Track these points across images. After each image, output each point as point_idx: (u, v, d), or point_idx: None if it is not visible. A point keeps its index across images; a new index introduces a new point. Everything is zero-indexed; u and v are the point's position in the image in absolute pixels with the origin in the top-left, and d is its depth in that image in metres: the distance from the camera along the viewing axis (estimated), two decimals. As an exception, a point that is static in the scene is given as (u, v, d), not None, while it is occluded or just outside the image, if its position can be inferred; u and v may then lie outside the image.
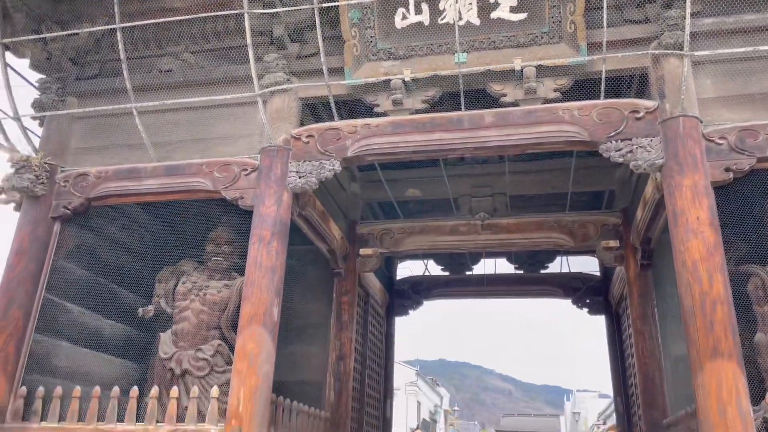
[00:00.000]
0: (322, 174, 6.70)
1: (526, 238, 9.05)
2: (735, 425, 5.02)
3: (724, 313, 5.37)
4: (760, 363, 6.28)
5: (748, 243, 6.68)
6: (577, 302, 11.54)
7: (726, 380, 5.17)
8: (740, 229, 6.45)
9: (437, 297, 12.41)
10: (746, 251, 6.68)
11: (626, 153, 6.18)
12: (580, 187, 9.35)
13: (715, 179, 5.84)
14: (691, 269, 5.57)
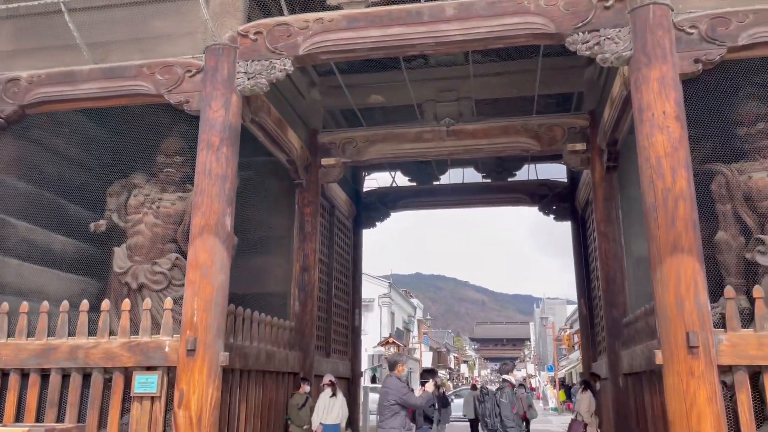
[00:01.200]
0: (273, 74, 6.26)
1: (492, 144, 8.81)
2: (692, 319, 5.03)
3: (686, 209, 5.26)
4: (719, 261, 6.30)
5: (713, 141, 6.55)
6: (544, 209, 11.53)
7: (685, 275, 5.13)
8: (706, 126, 6.28)
9: (405, 208, 12.29)
10: (711, 149, 6.55)
11: (593, 45, 5.85)
12: (547, 89, 9.04)
13: (684, 71, 5.59)
14: (655, 165, 5.41)
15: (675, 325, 5.08)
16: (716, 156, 6.40)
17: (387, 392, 6.55)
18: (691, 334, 4.96)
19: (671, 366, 5.04)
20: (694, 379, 4.91)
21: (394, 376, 6.71)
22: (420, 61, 9.17)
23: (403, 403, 6.54)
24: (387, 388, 6.63)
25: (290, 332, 8.15)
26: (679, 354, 5.01)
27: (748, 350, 5.04)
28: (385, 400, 6.51)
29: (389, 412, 6.45)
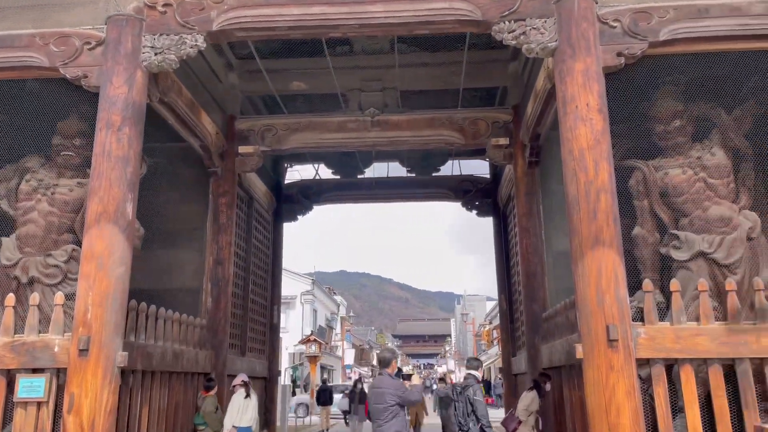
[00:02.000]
0: (183, 50, 5.78)
1: (417, 136, 8.63)
2: (612, 312, 5.01)
3: (608, 202, 5.25)
4: (636, 256, 6.35)
5: (633, 137, 6.62)
6: (467, 204, 11.51)
7: (606, 268, 5.11)
8: (626, 123, 6.33)
9: (328, 201, 11.94)
10: (631, 146, 6.61)
11: (519, 35, 5.76)
12: (473, 82, 8.97)
13: (607, 64, 5.58)
14: (578, 157, 5.36)
15: (595, 318, 5.05)
16: (636, 152, 6.46)
17: (383, 393, 5.90)
18: (611, 327, 4.94)
19: (591, 360, 5.00)
20: (613, 372, 4.89)
21: (387, 374, 6.12)
22: (345, 48, 8.86)
23: (404, 402, 5.97)
24: (382, 388, 5.96)
25: (201, 330, 7.64)
26: (599, 348, 4.97)
27: (665, 343, 5.08)
28: (382, 402, 5.87)
29: (389, 414, 5.82)
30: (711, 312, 5.18)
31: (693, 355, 5.03)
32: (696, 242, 6.01)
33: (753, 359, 5.02)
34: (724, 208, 6.09)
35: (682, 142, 6.38)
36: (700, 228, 6.08)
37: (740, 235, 6.00)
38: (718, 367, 5.02)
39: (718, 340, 5.03)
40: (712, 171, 6.24)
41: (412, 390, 6.18)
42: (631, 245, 6.36)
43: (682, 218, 6.25)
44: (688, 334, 5.07)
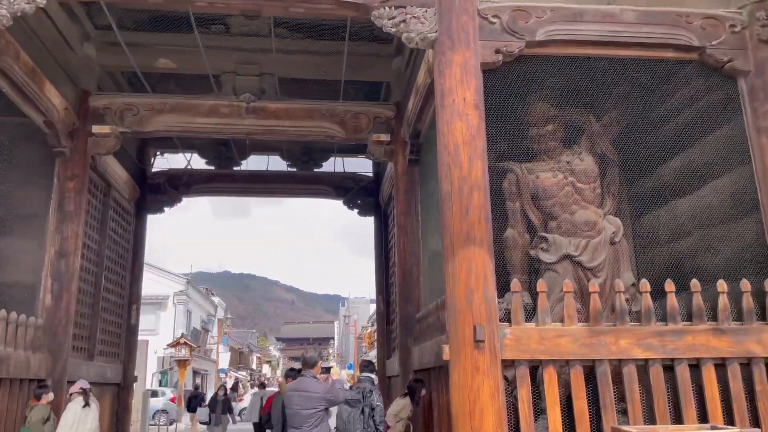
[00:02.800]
0: (18, 6, 4.99)
1: (295, 126, 8.19)
2: (480, 312, 4.86)
3: (480, 199, 5.12)
4: (507, 257, 6.36)
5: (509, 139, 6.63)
6: (349, 203, 11.21)
7: (476, 267, 4.97)
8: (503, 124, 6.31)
9: (200, 193, 11.14)
10: (507, 147, 6.63)
11: (399, 22, 5.51)
12: (356, 75, 8.68)
13: (486, 60, 5.47)
14: (453, 153, 5.20)
15: (463, 318, 4.88)
16: (511, 154, 6.47)
17: (308, 397, 5.40)
18: (478, 327, 4.79)
19: (458, 361, 4.82)
20: (479, 374, 4.74)
21: (311, 376, 5.61)
22: (219, 27, 8.23)
23: (335, 404, 5.55)
24: (307, 392, 5.45)
25: (37, 331, 6.69)
26: (465, 349, 4.80)
27: (530, 344, 5.00)
28: (306, 407, 5.38)
29: (315, 419, 5.36)
30: (575, 313, 5.19)
31: (556, 356, 4.99)
32: (563, 245, 6.09)
33: (611, 360, 5.08)
34: (590, 212, 6.23)
35: (553, 146, 6.47)
36: (568, 231, 6.18)
37: (604, 239, 6.15)
38: (579, 369, 5.03)
39: (580, 342, 5.04)
40: (580, 176, 6.37)
41: (337, 388, 5.79)
42: (502, 246, 6.37)
43: (551, 221, 6.33)
44: (552, 335, 5.03)
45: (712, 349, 5.07)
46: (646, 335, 5.11)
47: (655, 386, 5.03)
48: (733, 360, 5.09)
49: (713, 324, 5.19)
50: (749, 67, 5.65)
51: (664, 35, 5.66)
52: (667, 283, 5.30)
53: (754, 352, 5.08)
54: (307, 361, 5.86)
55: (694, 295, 5.28)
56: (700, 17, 5.70)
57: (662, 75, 6.25)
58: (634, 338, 5.09)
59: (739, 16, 5.74)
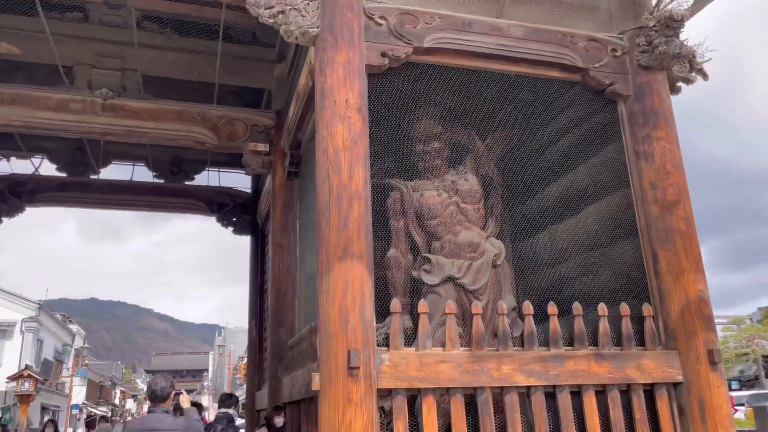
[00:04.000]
0: None
1: (161, 129, 7.34)
2: (356, 335, 4.34)
3: (360, 210, 4.65)
4: (389, 278, 6.00)
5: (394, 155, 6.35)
6: (224, 220, 10.37)
7: (353, 284, 4.46)
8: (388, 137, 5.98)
9: (48, 202, 9.78)
10: (391, 164, 6.34)
11: (277, 13, 5.00)
12: (235, 79, 8.01)
13: (371, 62, 5.08)
14: (333, 158, 4.70)
15: (337, 342, 4.33)
16: (396, 171, 6.17)
17: None
18: (352, 353, 4.26)
19: (328, 392, 4.25)
20: (351, 406, 4.18)
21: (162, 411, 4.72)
22: (77, 14, 7.27)
23: None
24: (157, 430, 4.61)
25: None
26: (338, 377, 4.24)
27: (409, 371, 4.54)
28: None
29: None
30: (457, 337, 4.82)
31: (436, 384, 4.57)
32: (446, 266, 5.82)
33: (493, 388, 4.74)
34: (473, 233, 6.02)
35: (438, 164, 6.25)
36: (451, 252, 5.93)
37: (486, 262, 5.95)
38: (460, 397, 4.63)
39: (461, 368, 4.65)
40: (464, 196, 6.19)
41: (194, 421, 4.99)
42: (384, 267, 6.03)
43: (435, 241, 6.07)
44: (432, 361, 4.61)
45: (593, 375, 4.89)
46: (528, 360, 4.83)
47: (537, 415, 4.74)
48: (613, 386, 4.93)
49: (594, 349, 5.03)
50: (629, 91, 5.70)
51: (550, 54, 5.59)
52: (549, 306, 5.09)
53: (633, 378, 4.96)
54: (156, 393, 4.88)
55: (576, 318, 5.11)
56: (585, 39, 5.70)
57: (547, 96, 6.20)
58: (516, 364, 4.79)
59: (620, 41, 5.81)
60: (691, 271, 5.24)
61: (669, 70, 5.74)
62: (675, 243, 5.31)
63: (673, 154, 5.55)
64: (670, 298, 5.24)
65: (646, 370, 5.00)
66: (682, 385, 5.06)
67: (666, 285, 5.28)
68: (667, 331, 5.22)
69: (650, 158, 5.56)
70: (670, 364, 5.08)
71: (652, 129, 5.60)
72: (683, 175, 5.56)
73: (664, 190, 5.45)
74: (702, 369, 5.00)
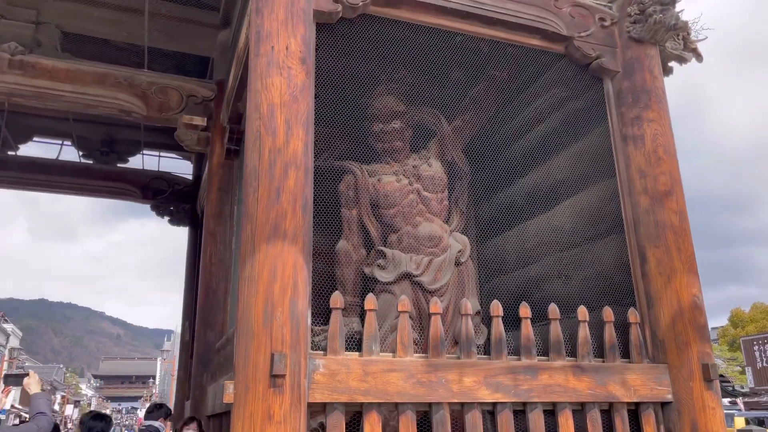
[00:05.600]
0: None
1: (79, 93, 6.32)
2: (283, 335, 3.44)
3: (298, 181, 3.76)
4: (337, 275, 5.18)
5: (347, 135, 5.56)
6: (159, 208, 9.32)
7: (283, 271, 3.56)
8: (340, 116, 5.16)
9: (-48, 179, 8.58)
10: (344, 145, 5.54)
11: (208, -59, 4.09)
12: (171, 44, 7.08)
13: (320, 8, 4.23)
14: (266, 116, 3.81)
15: (258, 343, 3.42)
16: (351, 153, 5.38)
17: None
18: (276, 356, 3.35)
19: (243, 406, 3.32)
20: (271, 425, 3.27)
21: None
22: (-13, -44, 6.22)
23: None
24: None
25: None
26: (256, 388, 3.33)
27: (350, 381, 3.65)
28: None
29: None
30: (410, 341, 3.96)
31: (383, 398, 3.69)
32: (403, 262, 5.01)
33: (452, 404, 3.89)
34: (435, 226, 5.24)
35: (399, 146, 5.47)
36: (409, 246, 5.13)
37: (449, 259, 5.16)
38: (411, 415, 3.76)
39: (414, 378, 3.79)
40: (427, 183, 5.42)
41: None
42: (334, 262, 5.22)
43: (392, 234, 5.26)
44: (379, 369, 3.73)
45: (571, 391, 4.08)
46: (495, 372, 3.99)
47: (504, 438, 3.92)
48: (593, 405, 4.14)
49: (573, 360, 4.24)
50: (617, 66, 4.99)
51: (531, 17, 4.82)
52: (522, 307, 4.28)
53: (616, 396, 4.18)
54: None
55: (552, 323, 4.31)
56: (570, 4, 4.96)
57: (525, 71, 5.46)
58: (481, 375, 3.95)
59: (609, 10, 5.10)
60: (684, 272, 4.50)
61: (662, 46, 5.05)
62: (666, 239, 4.58)
63: (665, 139, 4.84)
64: (660, 303, 4.49)
65: (632, 387, 4.23)
66: (671, 405, 4.31)
67: (655, 288, 4.53)
68: (655, 341, 4.47)
69: (640, 142, 4.84)
70: (658, 379, 4.32)
71: (642, 109, 4.89)
72: (676, 163, 4.86)
73: (655, 179, 4.72)
74: (695, 387, 4.26)
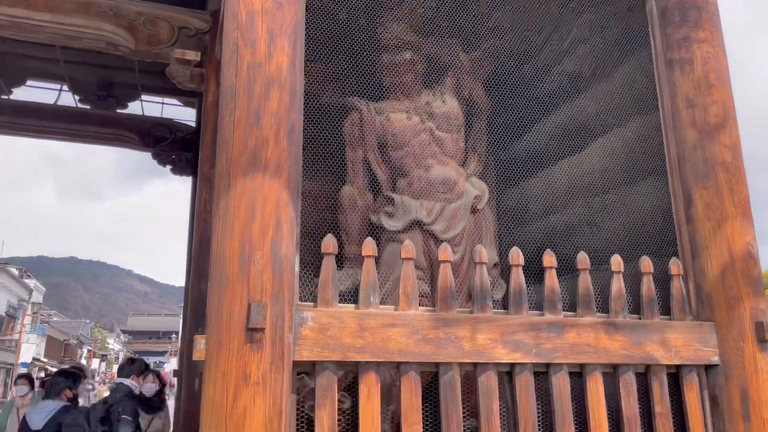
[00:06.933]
0: None
1: (59, 23, 5.76)
2: (262, 282, 2.95)
3: (283, 103, 3.20)
4: (341, 223, 4.69)
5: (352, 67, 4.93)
6: (160, 156, 8.83)
7: (264, 208, 3.03)
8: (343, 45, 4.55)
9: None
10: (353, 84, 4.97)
11: None
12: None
13: None
14: (245, 25, 3.23)
15: (233, 291, 2.91)
16: (356, 88, 4.80)
17: None
18: (254, 306, 2.84)
19: (215, 364, 2.84)
20: (248, 387, 2.79)
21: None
22: None
23: None
24: None
25: None
26: (231, 343, 2.84)
27: (343, 337, 3.14)
28: None
29: None
30: (415, 292, 3.42)
31: (382, 356, 3.17)
32: (413, 208, 4.47)
33: (463, 365, 3.37)
34: (449, 169, 4.69)
35: (410, 81, 4.89)
36: (420, 191, 4.58)
37: (464, 206, 4.61)
38: (415, 377, 3.25)
39: (419, 335, 3.26)
40: (441, 121, 4.84)
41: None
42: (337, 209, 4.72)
43: (401, 178, 4.72)
44: (377, 324, 3.21)
45: (602, 352, 3.53)
46: (514, 328, 3.45)
47: (522, 403, 3.40)
48: (627, 367, 3.59)
49: (604, 316, 3.68)
50: (663, -22, 4.25)
51: None
52: (546, 255, 3.71)
53: (654, 358, 3.62)
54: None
55: (581, 274, 3.74)
56: None
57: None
58: (497, 332, 3.41)
59: None
60: (736, 217, 3.87)
61: (716, -47, 4.30)
62: (717, 179, 3.93)
63: (718, 63, 4.13)
64: (707, 253, 3.87)
65: (673, 347, 3.66)
66: (717, 369, 3.73)
67: (702, 235, 3.91)
68: (700, 296, 3.87)
69: (688, 67, 4.14)
70: (703, 339, 3.74)
71: (691, 29, 4.17)
72: (730, 92, 4.16)
73: (705, 110, 4.04)
74: (747, 348, 3.67)
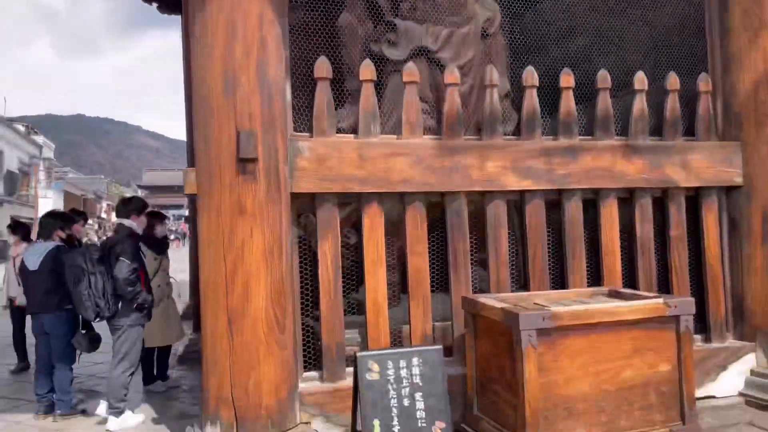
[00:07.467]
0: None
1: None
2: (250, 108, 2.71)
3: None
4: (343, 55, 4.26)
5: None
6: (144, -9, 8.07)
7: (245, 26, 2.73)
8: None
9: None
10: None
11: None
12: None
13: None
14: None
15: (220, 119, 2.68)
16: None
17: None
18: (243, 135, 2.63)
19: (209, 196, 2.69)
20: (244, 219, 2.66)
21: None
22: None
23: None
24: None
25: None
26: (222, 175, 2.66)
27: (343, 168, 2.95)
28: None
29: None
30: (419, 120, 3.17)
31: (384, 187, 3.01)
32: (417, 34, 4.03)
33: (470, 194, 3.20)
34: None
35: None
36: (425, 15, 4.09)
37: (474, 30, 4.14)
38: (420, 207, 3.10)
39: (424, 164, 3.07)
40: None
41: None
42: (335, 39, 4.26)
43: (403, 1, 4.19)
44: (379, 154, 3.00)
45: (618, 176, 3.34)
46: (525, 155, 3.24)
47: (532, 232, 3.28)
48: (645, 192, 3.43)
49: (623, 139, 3.44)
50: None
51: None
52: (564, 74, 3.38)
53: (673, 180, 3.43)
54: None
55: (601, 93, 3.43)
56: None
57: None
58: (507, 159, 3.21)
59: None
60: (777, 26, 3.46)
61: None
62: (760, -20, 3.45)
63: None
64: (740, 67, 3.53)
65: (694, 170, 3.46)
66: (740, 190, 3.56)
67: (737, 46, 3.53)
68: (728, 114, 3.59)
69: None
70: (728, 160, 3.53)
71: None
72: None
73: None
74: (773, 168, 3.46)
